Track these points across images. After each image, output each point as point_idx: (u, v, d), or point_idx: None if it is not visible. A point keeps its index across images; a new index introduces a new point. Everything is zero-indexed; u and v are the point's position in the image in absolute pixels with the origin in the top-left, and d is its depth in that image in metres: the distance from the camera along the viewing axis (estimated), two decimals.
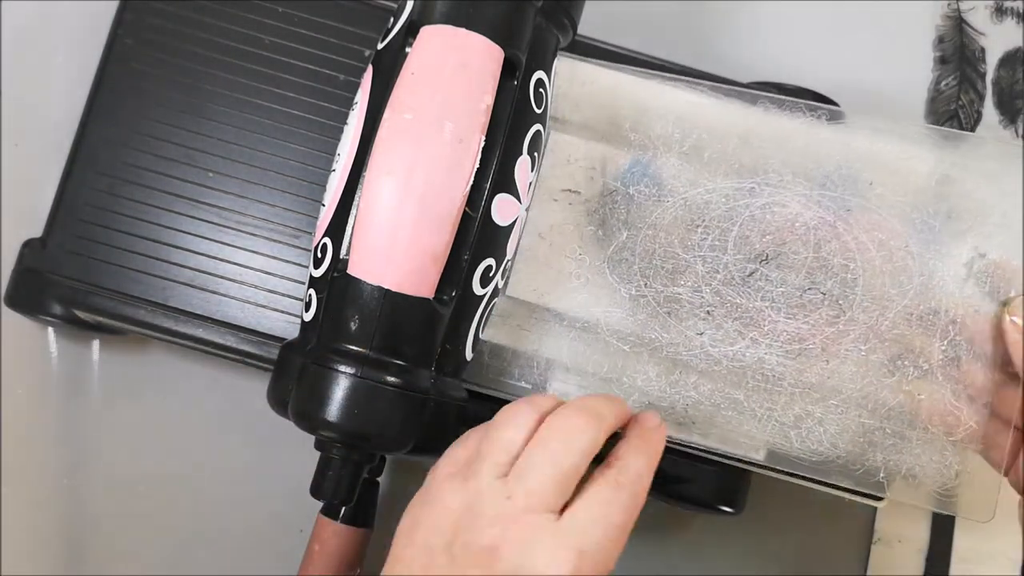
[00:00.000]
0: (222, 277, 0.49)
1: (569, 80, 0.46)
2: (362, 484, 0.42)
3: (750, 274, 0.43)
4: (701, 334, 0.43)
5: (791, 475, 0.44)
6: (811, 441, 0.43)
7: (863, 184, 0.43)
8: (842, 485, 0.43)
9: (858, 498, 0.45)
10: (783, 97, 0.46)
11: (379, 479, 0.49)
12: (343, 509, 0.48)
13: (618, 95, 0.46)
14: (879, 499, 0.44)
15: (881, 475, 0.42)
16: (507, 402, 0.43)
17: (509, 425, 0.37)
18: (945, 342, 0.42)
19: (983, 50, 0.60)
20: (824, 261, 0.43)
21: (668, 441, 0.42)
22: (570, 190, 0.45)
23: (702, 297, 0.43)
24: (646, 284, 0.44)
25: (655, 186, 0.44)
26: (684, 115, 0.45)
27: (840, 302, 0.43)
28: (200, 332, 0.48)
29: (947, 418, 0.42)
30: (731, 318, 0.43)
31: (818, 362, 0.43)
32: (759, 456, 0.44)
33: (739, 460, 0.45)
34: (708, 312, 0.43)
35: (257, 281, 0.49)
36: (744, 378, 0.43)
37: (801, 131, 0.44)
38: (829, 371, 0.43)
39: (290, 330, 0.48)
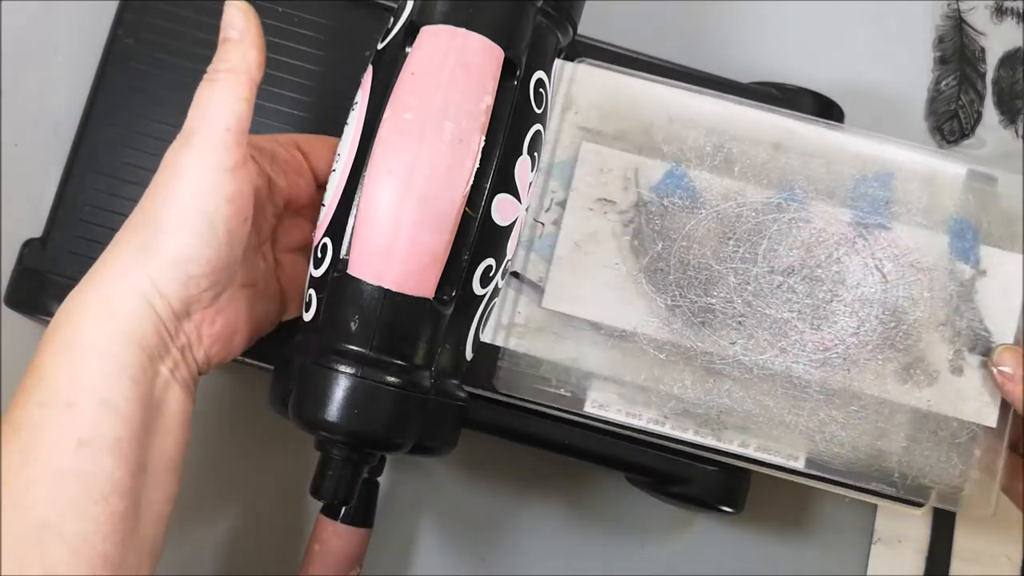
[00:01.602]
0: None
1: (600, 89, 0.47)
2: (362, 484, 0.42)
3: (778, 286, 0.45)
4: (734, 343, 0.45)
5: (830, 482, 0.46)
6: (835, 444, 0.45)
7: (879, 202, 0.46)
8: (884, 492, 0.45)
9: (898, 504, 0.46)
10: (805, 115, 0.47)
11: (379, 479, 0.49)
12: (343, 509, 0.48)
13: (650, 105, 0.47)
14: (919, 505, 0.46)
15: (896, 475, 0.45)
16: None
17: None
18: (952, 352, 0.46)
19: (983, 50, 0.60)
20: (844, 275, 0.46)
21: (704, 449, 0.45)
22: (605, 199, 0.46)
23: (734, 307, 0.45)
24: (681, 294, 0.45)
25: (689, 198, 0.46)
26: (715, 127, 0.46)
27: (859, 314, 0.46)
28: None
29: (952, 422, 0.45)
30: (761, 328, 0.45)
31: (840, 370, 0.45)
32: (799, 464, 0.45)
33: (777, 468, 0.46)
34: (740, 322, 0.45)
35: None
36: (774, 385, 0.45)
37: (825, 149, 0.47)
38: (850, 379, 0.45)
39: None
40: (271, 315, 0.44)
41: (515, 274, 0.46)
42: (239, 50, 0.39)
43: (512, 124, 0.41)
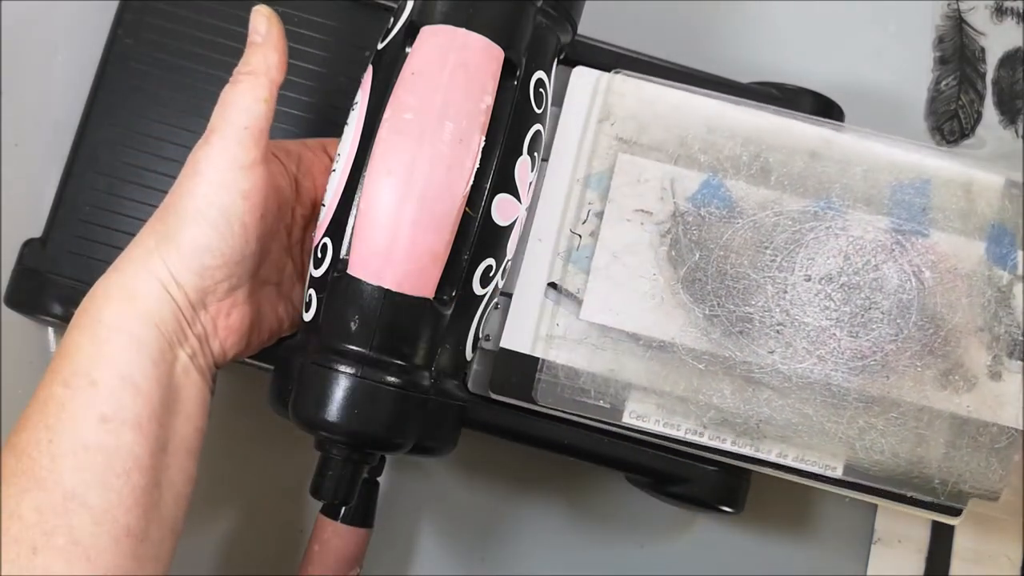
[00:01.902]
0: None
1: (636, 100, 0.47)
2: (362, 484, 0.42)
3: (816, 294, 0.45)
4: (772, 352, 0.45)
5: (869, 490, 0.46)
6: (874, 452, 0.45)
7: (916, 209, 0.46)
8: (922, 500, 0.46)
9: (935, 514, 0.46)
10: (840, 123, 0.47)
11: (379, 479, 0.49)
12: (343, 509, 0.48)
13: (687, 116, 0.47)
14: (957, 513, 0.46)
15: (936, 482, 0.45)
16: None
17: None
18: (990, 357, 0.46)
19: (983, 50, 0.60)
20: (882, 283, 0.46)
21: (743, 459, 0.46)
22: (642, 210, 0.46)
23: (772, 316, 0.45)
24: (719, 304, 0.45)
25: (725, 207, 0.46)
26: (751, 137, 0.47)
27: (898, 321, 0.46)
28: None
29: (991, 427, 0.46)
30: (799, 336, 0.45)
31: (879, 377, 0.45)
32: (836, 473, 0.46)
33: (815, 477, 0.46)
34: (778, 331, 0.45)
35: None
36: (813, 393, 0.45)
37: (859, 156, 0.47)
38: (889, 386, 0.45)
39: None
40: (293, 315, 0.45)
41: (553, 285, 0.46)
42: (261, 53, 0.41)
43: (512, 124, 0.41)
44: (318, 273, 0.41)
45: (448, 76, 0.39)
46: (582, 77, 0.47)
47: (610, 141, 0.46)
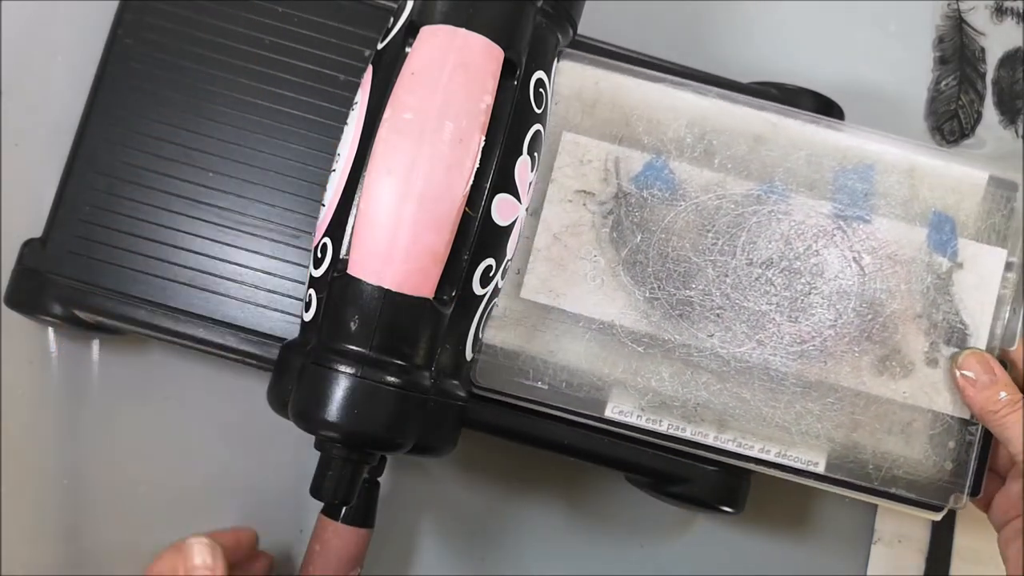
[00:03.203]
0: (222, 277, 0.49)
1: (582, 81, 0.46)
2: (363, 484, 0.42)
3: (756, 278, 0.46)
4: (711, 336, 0.45)
5: (850, 486, 0.46)
6: (809, 436, 0.45)
7: (859, 195, 0.47)
8: (905, 496, 0.46)
9: (912, 509, 0.46)
10: (785, 107, 0.47)
11: (380, 479, 0.49)
12: (344, 509, 0.48)
13: (631, 97, 0.47)
14: (938, 509, 0.46)
15: (870, 467, 0.46)
16: (522, 408, 0.45)
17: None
18: (927, 344, 0.46)
19: (983, 50, 0.59)
20: (823, 268, 0.46)
21: (679, 441, 0.45)
22: (584, 191, 0.46)
23: (712, 300, 0.45)
24: (659, 287, 0.45)
25: (668, 190, 0.46)
26: (695, 119, 0.46)
27: (837, 306, 0.46)
28: (200, 332, 0.48)
29: (926, 414, 0.46)
30: (739, 321, 0.45)
31: (817, 363, 0.46)
32: (819, 469, 0.46)
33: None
34: (718, 315, 0.45)
35: (257, 281, 0.49)
36: (751, 378, 0.45)
37: (804, 141, 0.47)
38: (826, 371, 0.46)
39: (290, 330, 0.48)
40: None
41: None
42: None
43: (512, 124, 0.41)
44: (318, 273, 0.41)
45: (448, 76, 0.39)
46: None
47: (554, 120, 0.46)
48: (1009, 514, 0.47)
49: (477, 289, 0.41)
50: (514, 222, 0.42)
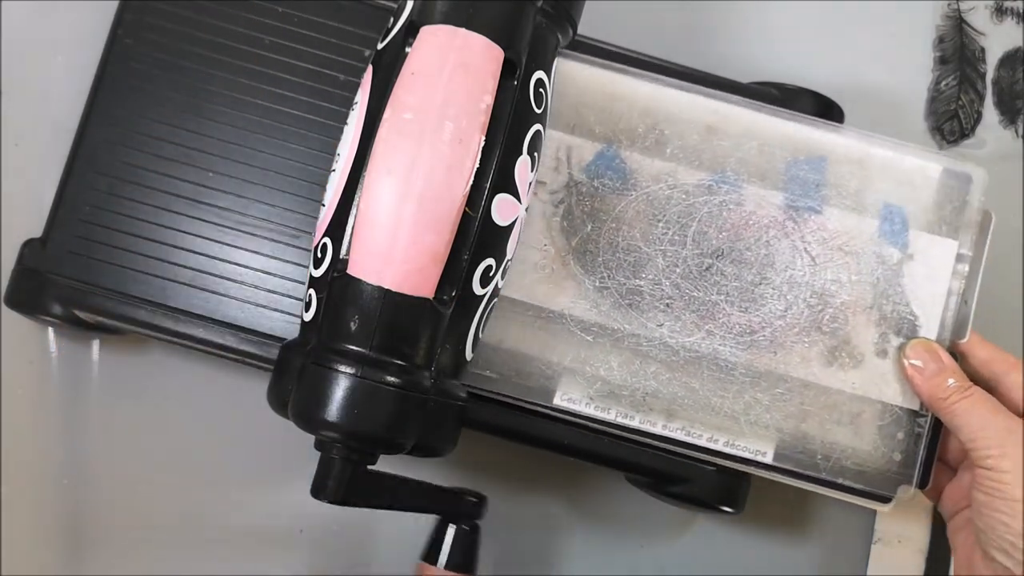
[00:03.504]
0: (222, 277, 0.49)
1: None
2: (466, 531, 0.44)
3: (706, 268, 0.46)
4: (661, 325, 0.45)
5: (798, 476, 0.46)
6: (758, 426, 0.46)
7: (810, 186, 0.47)
8: (853, 487, 0.46)
9: (862, 500, 0.46)
10: (737, 96, 0.47)
11: (479, 522, 0.47)
12: (443, 554, 0.46)
13: (584, 86, 0.46)
14: (886, 500, 0.46)
15: (819, 456, 0.46)
16: (521, 408, 0.46)
17: None
18: (877, 335, 0.46)
19: (983, 50, 0.60)
20: (773, 258, 0.46)
21: (628, 430, 0.45)
22: (535, 180, 0.45)
23: (662, 290, 0.46)
24: (609, 276, 0.46)
25: (619, 179, 0.46)
26: (648, 109, 0.47)
27: (787, 297, 0.46)
28: (200, 332, 0.48)
29: (875, 404, 0.46)
30: (689, 310, 0.46)
31: (767, 353, 0.46)
32: (767, 459, 0.46)
33: (744, 461, 0.45)
34: (667, 304, 0.46)
35: (257, 281, 0.49)
36: (700, 368, 0.46)
37: (758, 131, 0.47)
38: (776, 361, 0.46)
39: (290, 330, 0.48)
40: None
41: None
42: None
43: (512, 124, 0.41)
44: (318, 273, 0.41)
45: (448, 76, 0.39)
46: None
47: None
48: (959, 504, 0.48)
49: (477, 289, 0.41)
50: (514, 222, 0.42)
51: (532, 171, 0.43)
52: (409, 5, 0.41)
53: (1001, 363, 0.46)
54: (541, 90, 0.42)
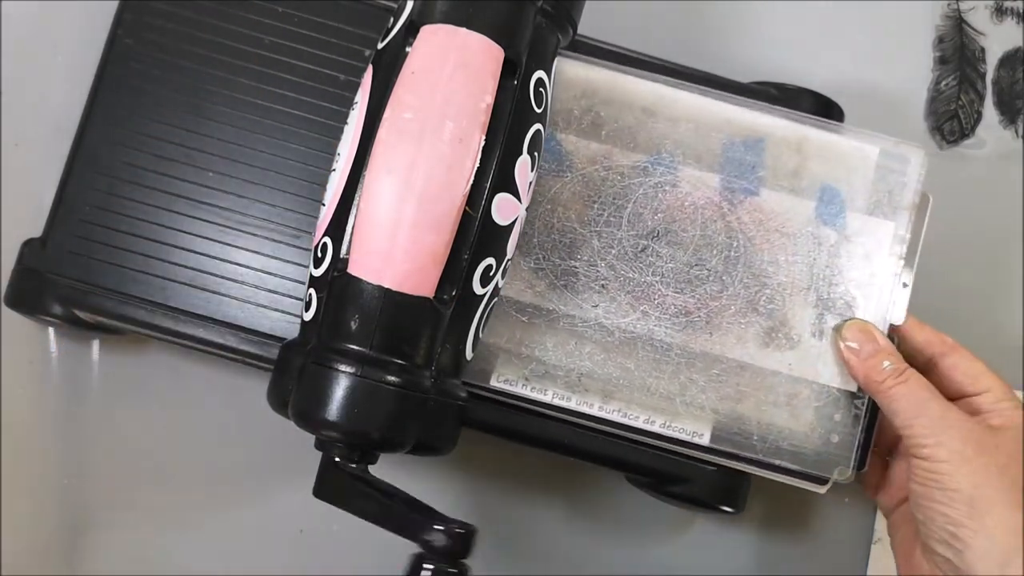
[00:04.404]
0: (222, 277, 0.49)
1: None
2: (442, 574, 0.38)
3: (642, 250, 0.46)
4: (596, 306, 0.46)
5: (735, 457, 0.46)
6: (694, 407, 0.46)
7: (747, 167, 0.47)
8: (791, 468, 0.46)
9: (800, 482, 0.46)
10: (674, 79, 0.47)
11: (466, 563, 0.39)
12: None
13: None
14: (823, 482, 0.46)
15: (755, 438, 0.46)
16: (521, 408, 0.45)
17: None
18: (814, 316, 0.46)
19: (983, 50, 0.60)
20: (709, 239, 0.46)
21: (563, 411, 0.45)
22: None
23: (597, 271, 0.46)
24: (545, 257, 0.46)
25: (555, 161, 0.46)
26: (584, 91, 0.47)
27: (723, 278, 0.46)
28: (200, 332, 0.48)
29: (812, 386, 0.46)
30: (624, 292, 0.46)
31: (702, 334, 0.46)
32: (703, 440, 0.46)
33: (681, 443, 0.46)
34: (603, 286, 0.46)
35: (257, 281, 0.49)
36: (635, 348, 0.46)
37: (695, 113, 0.47)
38: (712, 342, 0.46)
39: (290, 330, 0.48)
40: None
41: None
42: None
43: (512, 123, 0.41)
44: (318, 273, 0.41)
45: (448, 75, 0.39)
46: None
47: None
48: (896, 497, 0.47)
49: (477, 289, 0.41)
50: (514, 221, 0.42)
51: (532, 171, 0.43)
52: (409, 5, 0.41)
53: (939, 345, 0.46)
54: (541, 90, 0.42)
